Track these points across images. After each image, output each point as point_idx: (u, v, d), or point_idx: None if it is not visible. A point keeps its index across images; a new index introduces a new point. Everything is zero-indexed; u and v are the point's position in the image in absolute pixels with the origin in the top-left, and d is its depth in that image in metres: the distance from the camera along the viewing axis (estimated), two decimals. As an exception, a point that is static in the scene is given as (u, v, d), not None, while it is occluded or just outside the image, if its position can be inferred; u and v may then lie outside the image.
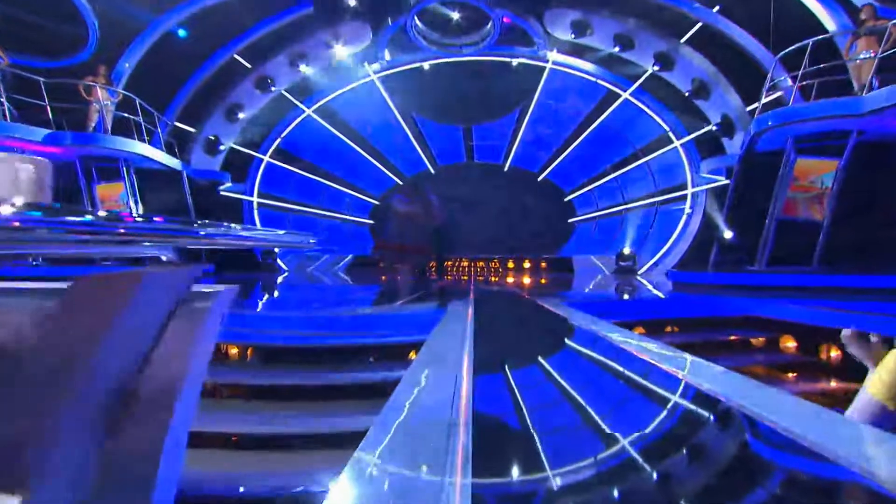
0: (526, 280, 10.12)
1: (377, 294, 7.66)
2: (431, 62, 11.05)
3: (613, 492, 1.34)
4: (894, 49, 6.07)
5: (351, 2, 9.84)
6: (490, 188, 12.75)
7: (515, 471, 1.44)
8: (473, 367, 2.46)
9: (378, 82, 11.35)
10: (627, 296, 6.92)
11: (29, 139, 7.37)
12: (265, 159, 11.62)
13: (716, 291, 6.25)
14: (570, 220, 12.89)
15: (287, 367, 3.89)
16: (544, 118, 11.89)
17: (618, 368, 2.77)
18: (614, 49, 10.02)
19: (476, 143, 12.89)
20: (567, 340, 3.73)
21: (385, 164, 12.77)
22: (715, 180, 9.78)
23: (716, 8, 8.87)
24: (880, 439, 1.44)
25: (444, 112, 12.09)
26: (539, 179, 12.84)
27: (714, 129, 9.74)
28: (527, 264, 12.61)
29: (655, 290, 7.07)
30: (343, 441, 2.51)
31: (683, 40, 9.48)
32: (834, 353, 4.57)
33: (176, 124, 10.11)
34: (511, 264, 12.68)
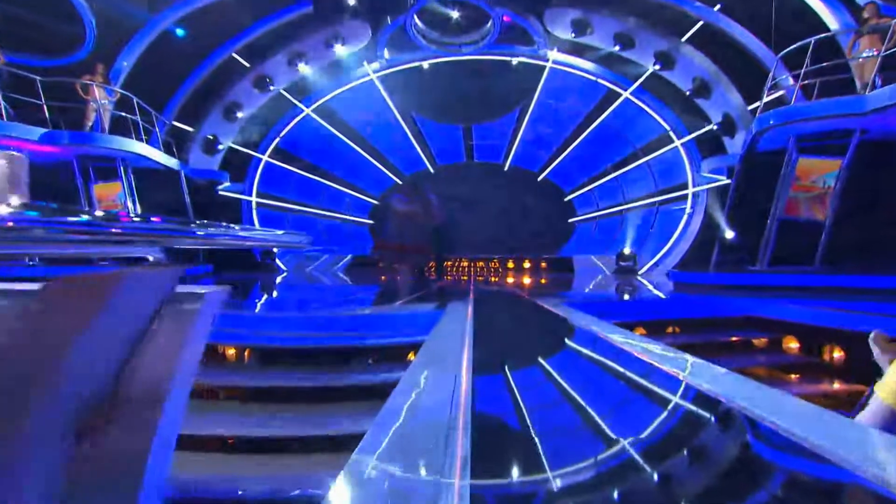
0: (526, 280, 10.09)
1: (376, 294, 7.63)
2: (431, 61, 11.02)
3: (613, 494, 1.33)
4: (897, 47, 6.04)
5: (350, 1, 9.82)
6: (490, 188, 12.73)
7: (514, 472, 1.43)
8: (473, 368, 2.45)
9: (377, 81, 11.32)
10: (628, 296, 6.89)
11: (25, 138, 7.33)
12: (264, 159, 11.59)
13: (717, 292, 6.22)
14: (571, 220, 12.88)
15: (285, 369, 3.87)
16: (544, 117, 11.86)
17: (618, 369, 2.76)
18: (615, 48, 9.99)
19: (476, 143, 12.87)
20: (567, 341, 3.71)
21: (384, 164, 12.75)
22: (716, 180, 9.75)
23: (717, 6, 8.85)
24: (883, 442, 1.42)
25: (444, 111, 12.07)
26: (539, 179, 12.82)
27: (715, 129, 9.71)
28: (527, 264, 12.58)
29: (656, 291, 7.04)
30: (341, 443, 2.48)
31: (684, 39, 9.45)
32: (837, 354, 4.54)
33: (174, 123, 10.08)
34: (511, 264, 12.65)
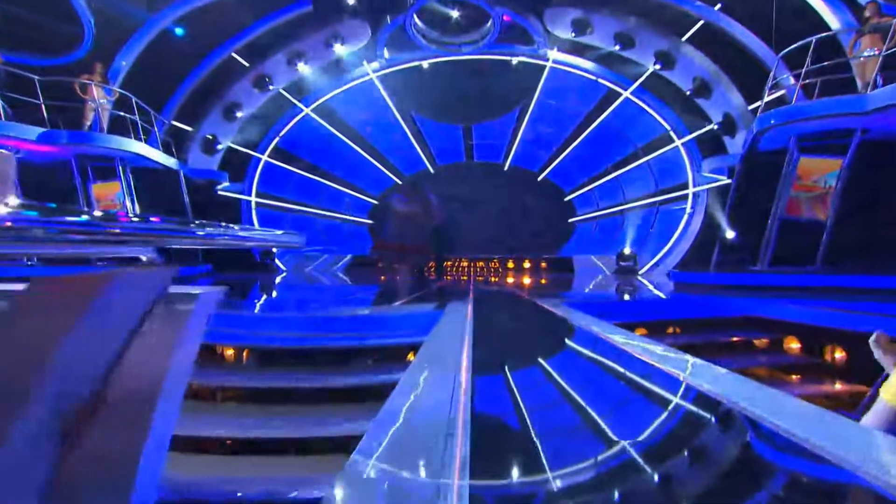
0: (526, 280, 10.08)
1: (375, 294, 7.62)
2: (431, 61, 10.99)
3: (614, 495, 1.32)
4: (899, 46, 6.02)
5: (350, 0, 9.79)
6: (490, 187, 12.71)
7: (514, 473, 1.42)
8: (472, 369, 2.45)
9: (377, 81, 11.29)
10: (628, 296, 6.87)
11: (23, 138, 7.31)
12: (263, 158, 11.57)
13: (718, 292, 6.21)
14: (571, 220, 12.86)
15: (283, 370, 3.85)
16: (544, 117, 11.84)
17: (618, 370, 2.75)
18: (615, 47, 9.96)
19: (476, 143, 12.85)
20: (567, 341, 3.70)
21: (384, 164, 12.73)
22: (716, 179, 9.73)
23: (717, 6, 8.83)
24: (884, 443, 1.43)
25: (444, 111, 12.04)
26: (539, 179, 12.80)
27: (715, 128, 9.69)
28: (527, 264, 12.56)
29: (657, 291, 7.03)
30: (340, 444, 2.46)
31: (685, 38, 9.43)
32: (838, 355, 4.53)
33: (173, 123, 10.06)
34: (511, 264, 12.63)
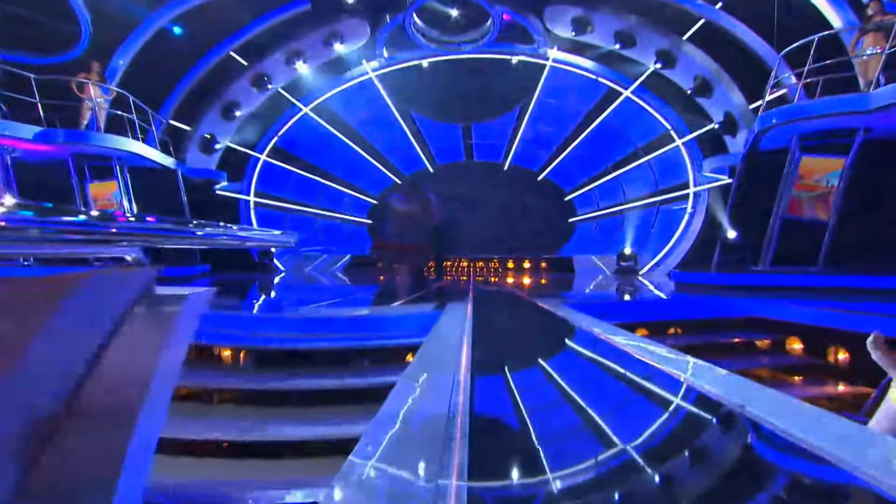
0: (526, 280, 10.05)
1: (375, 294, 7.59)
2: (430, 60, 10.95)
3: (614, 496, 1.31)
4: (902, 45, 5.98)
5: (349, -1, 9.75)
6: (490, 187, 12.68)
7: (513, 474, 1.41)
8: (471, 370, 2.43)
9: (376, 80, 11.25)
10: (629, 296, 6.85)
11: (20, 137, 7.26)
12: (262, 158, 11.53)
13: (719, 292, 6.18)
14: (571, 220, 12.83)
15: (281, 371, 3.83)
16: (544, 116, 11.80)
17: (619, 371, 2.73)
18: (615, 46, 9.92)
19: (475, 142, 12.81)
20: (567, 342, 3.67)
21: (383, 163, 12.69)
22: (717, 179, 9.71)
23: (718, 4, 8.80)
24: (885, 444, 1.42)
25: (443, 110, 12.00)
26: (539, 178, 12.77)
27: (717, 128, 9.67)
28: (527, 264, 12.54)
29: (657, 291, 7.01)
30: (338, 445, 2.43)
31: (685, 37, 9.39)
32: (841, 356, 4.49)
33: (171, 122, 10.02)
34: (511, 264, 12.61)
